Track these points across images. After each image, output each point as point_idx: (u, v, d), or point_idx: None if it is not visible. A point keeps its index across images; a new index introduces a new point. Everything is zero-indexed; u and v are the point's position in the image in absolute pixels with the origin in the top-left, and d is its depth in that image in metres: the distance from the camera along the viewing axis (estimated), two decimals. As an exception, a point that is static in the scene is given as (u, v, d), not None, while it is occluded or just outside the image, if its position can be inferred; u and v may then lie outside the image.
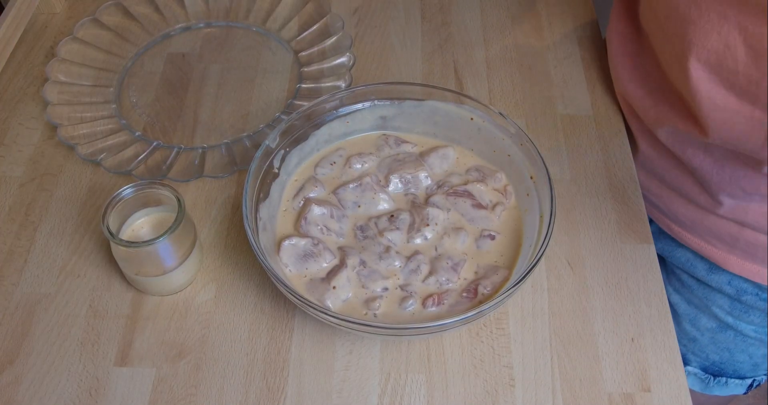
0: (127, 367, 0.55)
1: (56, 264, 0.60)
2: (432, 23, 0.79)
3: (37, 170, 0.66)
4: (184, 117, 0.70)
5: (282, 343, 0.56)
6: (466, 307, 0.53)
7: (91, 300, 0.58)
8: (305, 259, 0.55)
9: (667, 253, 0.74)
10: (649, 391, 0.54)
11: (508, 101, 0.72)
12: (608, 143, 0.69)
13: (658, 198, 0.70)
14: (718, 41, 0.52)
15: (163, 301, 0.58)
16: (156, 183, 0.55)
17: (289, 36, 0.77)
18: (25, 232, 0.62)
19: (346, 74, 0.71)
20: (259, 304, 0.58)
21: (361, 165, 0.61)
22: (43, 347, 0.56)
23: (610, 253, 0.61)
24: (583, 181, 0.66)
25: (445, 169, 0.61)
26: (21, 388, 0.54)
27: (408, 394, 0.54)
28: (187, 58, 0.76)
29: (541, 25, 0.79)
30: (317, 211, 0.57)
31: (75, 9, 0.81)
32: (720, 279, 0.69)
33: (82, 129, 0.67)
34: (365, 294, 0.54)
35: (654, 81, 0.64)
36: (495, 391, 0.54)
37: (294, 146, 0.60)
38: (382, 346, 0.56)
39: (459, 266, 0.55)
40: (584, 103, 0.72)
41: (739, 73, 0.52)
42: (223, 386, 0.54)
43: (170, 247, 0.54)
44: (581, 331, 0.57)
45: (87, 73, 0.72)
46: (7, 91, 0.73)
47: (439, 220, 0.57)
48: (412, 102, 0.61)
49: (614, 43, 0.69)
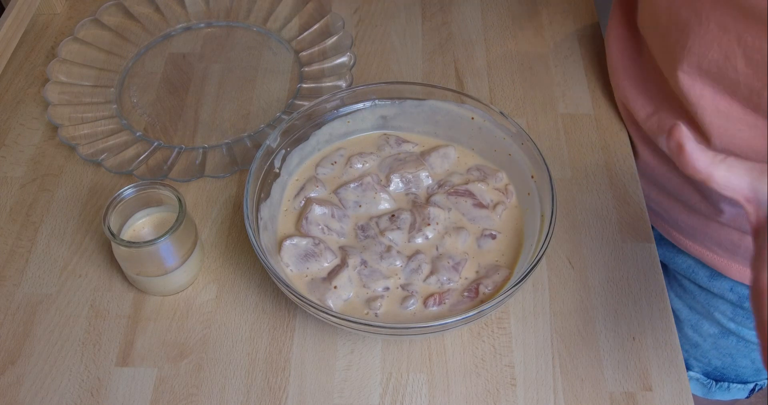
0: (128, 367, 0.55)
1: (57, 264, 0.60)
2: (433, 23, 0.79)
3: (38, 171, 0.66)
4: (185, 117, 0.70)
5: (283, 342, 0.56)
6: (468, 306, 0.53)
7: (92, 300, 0.58)
8: (306, 259, 0.55)
9: (668, 259, 0.74)
10: (650, 389, 0.54)
11: (509, 100, 0.72)
12: (609, 142, 0.68)
13: (659, 205, 0.70)
14: (718, 52, 0.52)
15: (164, 301, 0.58)
16: (157, 183, 0.55)
17: (289, 36, 0.77)
18: (27, 232, 0.62)
19: (346, 74, 0.71)
20: (260, 304, 0.58)
21: (362, 164, 0.61)
22: (44, 347, 0.56)
23: (611, 251, 0.61)
24: (584, 180, 0.66)
25: (446, 169, 0.61)
26: (23, 388, 0.54)
27: (409, 393, 0.54)
28: (188, 58, 0.76)
29: (541, 24, 0.79)
30: (318, 210, 0.57)
31: (75, 9, 0.81)
32: (722, 285, 0.69)
33: (83, 129, 0.67)
34: (366, 293, 0.54)
35: (655, 88, 0.64)
36: (496, 391, 0.54)
37: (295, 146, 0.60)
38: (384, 345, 0.56)
39: (460, 266, 0.55)
40: (585, 102, 0.72)
41: (740, 83, 0.52)
42: (225, 386, 0.54)
43: (171, 247, 0.54)
44: (582, 330, 0.57)
45: (88, 73, 0.72)
46: (8, 92, 0.73)
47: (440, 219, 0.57)
48: (413, 101, 0.61)
49: (613, 49, 0.69)
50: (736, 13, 0.49)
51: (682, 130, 0.41)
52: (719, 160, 0.41)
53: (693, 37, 0.53)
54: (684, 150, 0.41)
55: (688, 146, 0.41)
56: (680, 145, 0.41)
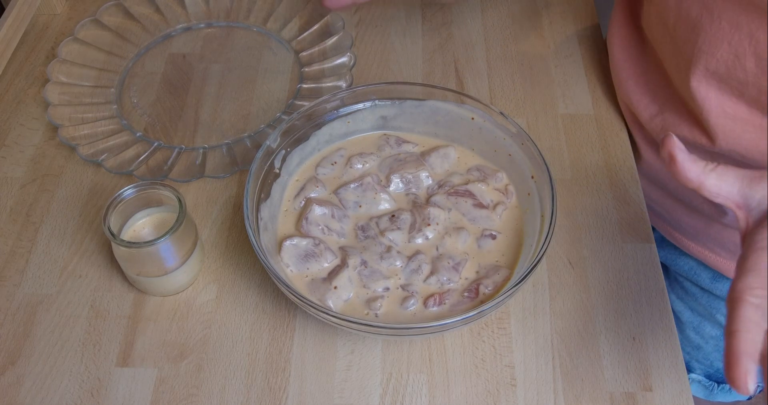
0: (128, 368, 0.55)
1: (58, 265, 0.60)
2: (433, 23, 0.79)
3: (39, 171, 0.66)
4: (185, 117, 0.70)
5: (283, 343, 0.56)
6: (468, 306, 0.53)
7: (92, 300, 0.58)
8: (306, 259, 0.55)
9: (670, 261, 0.74)
10: (650, 390, 0.54)
11: (509, 101, 0.72)
12: (609, 142, 0.68)
13: (661, 206, 0.70)
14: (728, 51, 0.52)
15: (164, 302, 0.58)
16: (157, 183, 0.55)
17: (289, 36, 0.77)
18: (27, 232, 0.62)
19: (346, 74, 0.71)
20: (260, 305, 0.58)
21: (362, 165, 0.61)
22: (44, 348, 0.56)
23: (612, 252, 0.61)
24: (584, 181, 0.66)
25: (446, 169, 0.61)
26: (23, 388, 0.54)
27: (409, 393, 0.54)
28: (188, 58, 0.76)
29: (541, 24, 0.79)
30: (318, 211, 0.57)
31: (75, 10, 0.81)
32: (724, 287, 0.69)
33: (83, 130, 0.67)
34: (366, 294, 0.54)
35: (659, 88, 0.64)
36: (496, 391, 0.54)
37: (295, 146, 0.60)
38: (384, 345, 0.56)
39: (460, 266, 0.55)
40: (585, 103, 0.72)
41: (749, 83, 0.52)
42: (225, 386, 0.54)
43: (171, 248, 0.54)
44: (582, 331, 0.57)
45: (88, 73, 0.72)
46: (8, 92, 0.73)
47: (440, 219, 0.57)
48: (413, 102, 0.61)
49: (616, 50, 0.68)
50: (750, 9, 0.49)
51: (674, 140, 0.42)
52: (710, 169, 0.42)
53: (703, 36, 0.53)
54: (676, 160, 0.42)
55: (679, 157, 0.42)
56: (672, 156, 0.42)
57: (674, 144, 0.42)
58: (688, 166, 0.42)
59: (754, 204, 0.41)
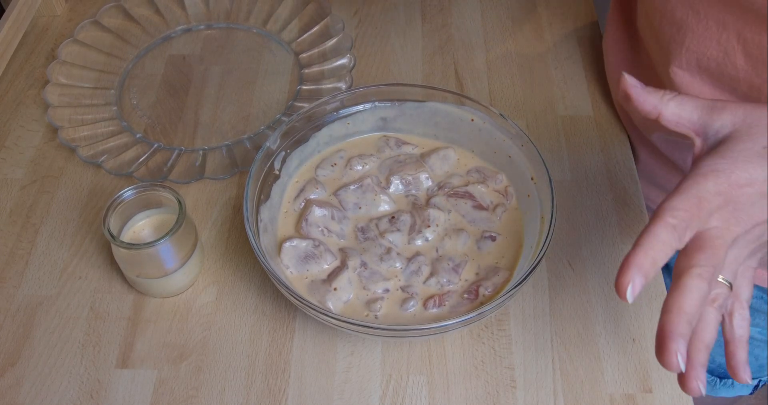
0: (128, 369, 0.55)
1: (57, 266, 0.60)
2: (432, 24, 0.79)
3: (38, 172, 0.66)
4: (184, 119, 0.70)
5: (283, 344, 0.56)
6: (468, 308, 0.53)
7: (92, 302, 0.58)
8: (306, 261, 0.55)
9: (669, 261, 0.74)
10: (650, 391, 0.54)
11: (509, 102, 0.72)
12: (609, 144, 0.69)
13: None
14: (717, 49, 0.52)
15: (164, 303, 0.58)
16: (157, 185, 0.55)
17: (289, 37, 0.77)
18: (27, 234, 0.62)
19: (346, 76, 0.71)
20: (260, 306, 0.58)
21: (361, 166, 0.61)
22: (44, 349, 0.56)
23: (611, 253, 0.61)
24: (583, 182, 0.66)
25: (445, 171, 0.61)
26: (22, 390, 0.54)
27: (409, 395, 0.54)
28: (188, 59, 0.76)
29: (541, 26, 0.79)
30: (318, 212, 0.57)
31: (75, 11, 0.81)
32: None
33: (83, 131, 0.67)
34: (366, 295, 0.54)
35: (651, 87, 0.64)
36: (496, 393, 0.54)
37: (295, 148, 0.60)
38: (384, 347, 0.56)
39: (460, 267, 0.55)
40: (585, 104, 0.72)
41: (740, 80, 0.52)
42: (225, 388, 0.54)
43: (171, 249, 0.54)
44: (582, 332, 0.57)
45: (88, 75, 0.73)
46: (8, 94, 0.73)
47: (440, 221, 0.57)
48: (413, 103, 0.61)
49: (610, 50, 0.69)
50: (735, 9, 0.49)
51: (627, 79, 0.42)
52: (668, 98, 0.42)
53: (690, 35, 0.53)
54: (631, 97, 0.42)
55: (633, 92, 0.42)
56: (627, 95, 0.43)
57: (627, 82, 0.42)
58: (644, 97, 0.42)
59: (711, 132, 0.42)
